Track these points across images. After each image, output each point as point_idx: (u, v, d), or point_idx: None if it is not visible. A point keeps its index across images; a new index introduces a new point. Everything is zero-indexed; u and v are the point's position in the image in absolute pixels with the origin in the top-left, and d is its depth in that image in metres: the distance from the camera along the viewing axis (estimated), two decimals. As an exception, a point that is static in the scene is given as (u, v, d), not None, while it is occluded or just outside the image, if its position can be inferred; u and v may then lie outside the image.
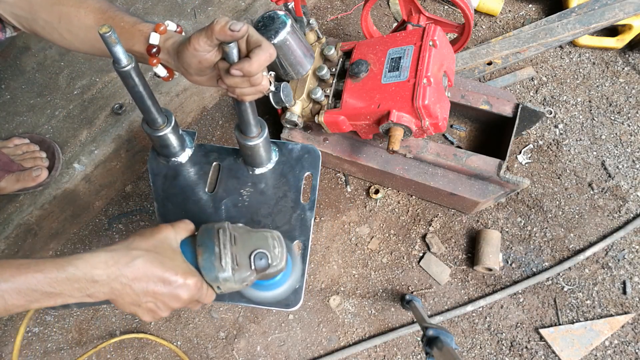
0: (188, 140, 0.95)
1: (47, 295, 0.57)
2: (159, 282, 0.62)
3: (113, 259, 0.60)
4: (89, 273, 0.58)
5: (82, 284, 0.58)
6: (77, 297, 0.59)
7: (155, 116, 0.80)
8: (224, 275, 0.65)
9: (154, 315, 0.66)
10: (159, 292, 0.63)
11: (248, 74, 0.65)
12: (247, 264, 0.66)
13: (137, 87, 0.71)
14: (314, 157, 0.96)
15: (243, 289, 0.72)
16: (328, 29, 1.66)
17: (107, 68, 1.39)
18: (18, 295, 0.55)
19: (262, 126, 0.85)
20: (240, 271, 0.66)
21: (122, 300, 0.62)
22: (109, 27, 0.59)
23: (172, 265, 0.63)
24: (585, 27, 1.44)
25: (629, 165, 1.39)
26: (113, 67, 0.67)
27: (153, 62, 0.71)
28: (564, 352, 1.20)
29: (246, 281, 0.67)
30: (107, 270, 0.59)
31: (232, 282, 0.66)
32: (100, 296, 0.60)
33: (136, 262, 0.61)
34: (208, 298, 0.68)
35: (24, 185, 1.21)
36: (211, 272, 0.65)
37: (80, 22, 0.72)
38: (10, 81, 1.37)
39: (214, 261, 0.65)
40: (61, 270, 0.57)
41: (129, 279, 0.60)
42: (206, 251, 0.65)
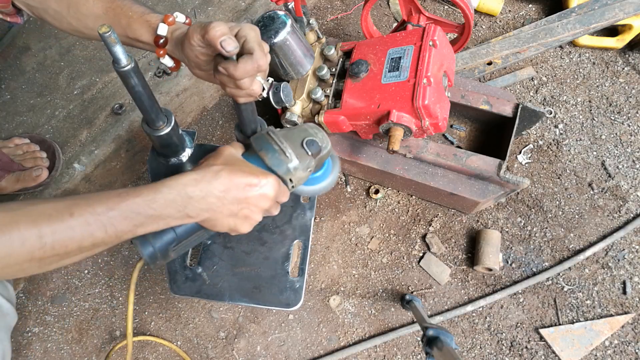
0: (188, 140, 0.95)
1: (150, 218, 0.60)
2: (247, 187, 0.65)
3: (200, 175, 0.63)
4: (182, 190, 0.61)
5: (178, 203, 0.61)
6: (177, 217, 0.62)
7: (155, 116, 0.80)
8: (293, 164, 0.70)
9: (251, 222, 0.69)
10: (250, 196, 0.66)
11: (232, 77, 0.66)
12: (303, 152, 0.72)
13: (137, 87, 0.71)
14: None
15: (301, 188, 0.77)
16: (328, 29, 1.66)
17: (107, 68, 1.39)
18: (125, 220, 0.58)
19: (262, 126, 0.85)
20: (302, 158, 0.72)
21: (219, 214, 0.65)
22: (109, 27, 0.59)
23: (249, 170, 0.67)
24: (585, 27, 1.44)
25: (629, 165, 1.39)
26: (113, 67, 0.67)
27: (160, 52, 0.73)
28: (564, 352, 1.20)
29: (310, 167, 0.73)
30: (198, 186, 0.62)
31: (300, 169, 0.71)
32: (198, 214, 0.63)
33: (221, 175, 0.64)
34: (285, 196, 0.72)
35: (24, 185, 1.21)
36: (281, 165, 0.70)
37: (88, 11, 0.73)
38: (10, 81, 1.37)
39: (280, 156, 0.70)
40: (157, 191, 0.60)
41: (220, 190, 0.63)
42: (269, 151, 0.70)
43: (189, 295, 0.90)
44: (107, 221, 0.57)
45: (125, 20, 0.72)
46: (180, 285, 0.89)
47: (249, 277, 0.91)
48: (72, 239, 0.56)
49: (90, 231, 0.56)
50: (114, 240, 0.59)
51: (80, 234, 0.56)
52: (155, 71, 1.39)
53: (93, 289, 1.33)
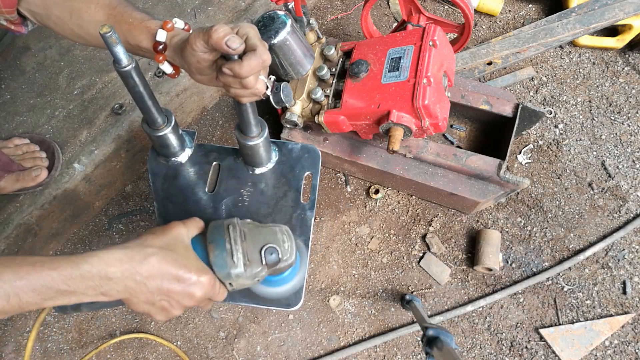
0: (188, 140, 0.95)
1: (62, 293, 0.57)
2: (173, 279, 0.62)
3: (127, 256, 0.60)
4: (103, 270, 0.58)
5: (96, 282, 0.58)
6: (91, 295, 0.59)
7: (155, 116, 0.80)
8: (236, 271, 0.65)
9: (167, 314, 0.66)
10: (173, 290, 0.62)
11: (238, 75, 0.65)
12: (258, 259, 0.66)
13: (137, 87, 0.71)
14: (314, 157, 0.96)
15: (253, 286, 0.71)
16: (328, 29, 1.66)
17: (107, 68, 1.39)
18: (33, 292, 0.55)
19: (262, 126, 0.85)
20: (252, 267, 0.66)
21: (136, 299, 0.62)
22: (109, 27, 0.59)
23: (185, 262, 0.63)
24: (585, 27, 1.44)
25: (629, 165, 1.39)
26: (113, 67, 0.67)
27: (159, 58, 0.72)
28: (564, 352, 1.20)
29: (258, 277, 0.67)
30: (121, 268, 0.59)
31: (244, 277, 0.66)
32: (114, 294, 0.60)
33: (150, 259, 0.61)
34: (220, 296, 0.68)
35: (23, 185, 1.21)
36: (223, 268, 0.65)
37: (90, 17, 0.73)
38: (10, 81, 1.37)
39: (226, 257, 0.65)
40: (75, 267, 0.57)
41: (144, 276, 0.60)
42: (217, 247, 0.65)
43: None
44: (11, 291, 0.53)
45: (126, 26, 0.72)
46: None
47: None
48: None
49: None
50: (15, 310, 0.55)
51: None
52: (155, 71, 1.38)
53: (93, 289, 1.32)
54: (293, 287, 0.75)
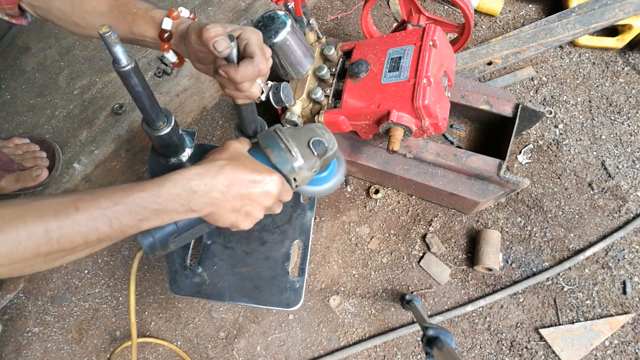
0: (188, 140, 0.95)
1: (155, 212, 0.60)
2: (250, 183, 0.65)
3: (204, 169, 0.63)
4: (187, 185, 0.61)
5: (183, 197, 0.61)
6: (181, 211, 0.62)
7: (155, 116, 0.80)
8: (298, 163, 0.70)
9: (252, 219, 0.69)
10: (253, 192, 0.66)
11: (232, 80, 0.67)
12: (309, 152, 0.71)
13: (137, 87, 0.71)
14: None
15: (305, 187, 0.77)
16: (328, 29, 1.66)
17: (107, 68, 1.39)
18: (130, 214, 0.59)
19: (262, 126, 0.85)
20: (308, 158, 0.71)
21: (222, 209, 0.65)
22: (109, 27, 0.60)
23: (254, 167, 0.67)
24: (585, 27, 1.44)
25: (629, 165, 1.39)
26: (113, 67, 0.67)
27: (164, 47, 0.73)
28: (564, 352, 1.20)
29: (314, 167, 0.73)
30: (203, 181, 0.62)
31: (305, 169, 0.71)
32: (201, 207, 0.63)
33: (225, 169, 0.64)
34: (288, 195, 0.72)
35: (24, 185, 1.21)
36: (286, 164, 0.70)
37: (93, 9, 0.73)
38: (10, 81, 1.37)
39: (285, 154, 0.69)
40: (161, 186, 0.60)
41: (224, 185, 0.63)
42: (275, 149, 0.70)
43: (189, 295, 0.90)
44: (112, 215, 0.57)
45: (130, 16, 0.72)
46: (181, 285, 0.89)
47: (249, 277, 0.91)
48: (78, 233, 0.56)
49: (95, 225, 0.56)
50: (119, 235, 0.59)
51: (86, 228, 0.56)
52: (155, 71, 1.39)
53: (93, 289, 1.32)
54: (334, 184, 0.81)
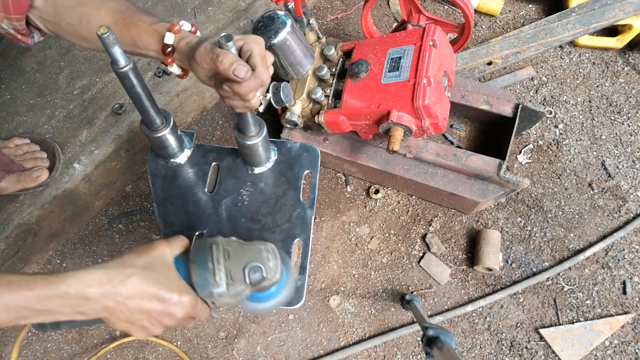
0: (187, 140, 0.95)
1: (37, 312, 0.57)
2: (154, 299, 0.62)
3: (107, 276, 0.59)
4: (82, 291, 0.58)
5: (73, 301, 0.58)
6: (68, 314, 0.59)
7: (153, 117, 0.80)
8: (218, 290, 0.65)
9: (147, 333, 0.65)
10: (154, 310, 0.62)
11: (236, 93, 0.68)
12: (241, 277, 0.66)
13: (135, 88, 0.71)
14: (313, 156, 0.96)
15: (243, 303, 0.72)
16: (328, 29, 1.66)
17: (107, 68, 1.39)
18: (7, 312, 0.55)
19: (261, 126, 0.85)
20: (235, 285, 0.65)
21: (115, 317, 0.62)
22: (107, 28, 0.60)
23: (167, 283, 0.63)
24: (585, 27, 1.44)
25: (629, 165, 1.39)
26: (111, 67, 0.67)
27: (168, 61, 0.73)
28: (564, 352, 1.20)
29: (241, 295, 0.67)
30: (101, 289, 0.59)
31: (226, 297, 0.66)
32: (92, 314, 0.60)
33: (131, 280, 0.60)
34: (202, 314, 0.68)
35: (24, 186, 1.21)
36: (205, 288, 0.65)
37: (99, 22, 0.74)
38: (10, 81, 1.37)
39: (208, 277, 0.64)
40: (52, 287, 0.56)
41: (124, 296, 0.60)
42: (200, 267, 0.65)
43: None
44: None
45: (135, 29, 0.73)
46: None
47: None
48: None
49: None
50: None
51: None
52: (155, 71, 1.39)
53: (93, 289, 1.32)
54: (279, 302, 0.75)
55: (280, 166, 0.95)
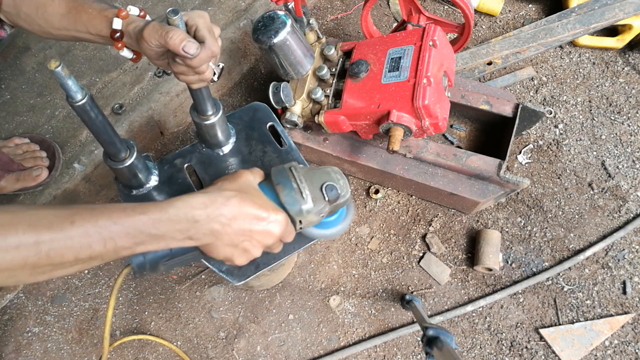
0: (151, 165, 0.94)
1: (152, 237, 0.59)
2: (254, 219, 0.64)
3: (210, 199, 0.62)
4: (190, 213, 0.60)
5: (183, 225, 0.60)
6: (179, 239, 0.61)
7: (119, 147, 0.79)
8: (307, 206, 0.68)
9: (248, 256, 0.67)
10: (255, 230, 0.65)
11: (189, 66, 0.70)
12: (320, 196, 0.70)
13: (97, 118, 0.70)
14: (264, 110, 1.01)
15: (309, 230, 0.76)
16: (328, 29, 1.66)
17: (107, 68, 1.39)
18: (126, 236, 0.57)
19: (217, 106, 0.88)
20: (317, 203, 0.70)
21: (220, 241, 0.64)
22: (58, 61, 0.60)
23: (261, 203, 0.66)
24: (585, 27, 1.44)
25: (629, 165, 1.39)
26: (67, 102, 0.66)
27: (118, 46, 0.75)
28: (564, 352, 1.20)
29: (322, 212, 0.71)
30: (207, 210, 0.61)
31: (313, 213, 0.70)
32: (200, 237, 0.62)
33: (231, 201, 0.63)
34: (291, 235, 0.71)
35: (24, 185, 1.21)
36: (295, 205, 0.68)
37: (54, 10, 0.76)
38: (10, 81, 1.37)
39: (295, 195, 0.68)
40: (163, 211, 0.59)
41: (228, 217, 0.62)
42: (286, 187, 0.69)
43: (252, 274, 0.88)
44: (107, 235, 0.56)
45: (86, 16, 0.74)
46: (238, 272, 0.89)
47: None
48: (69, 248, 0.54)
49: (89, 243, 0.55)
50: (111, 255, 0.58)
51: (79, 244, 0.54)
52: (155, 71, 1.39)
53: (93, 289, 1.33)
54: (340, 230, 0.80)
55: (244, 133, 0.99)
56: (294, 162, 0.73)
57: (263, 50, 1.12)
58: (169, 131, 1.48)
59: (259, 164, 0.95)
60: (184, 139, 1.49)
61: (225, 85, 1.54)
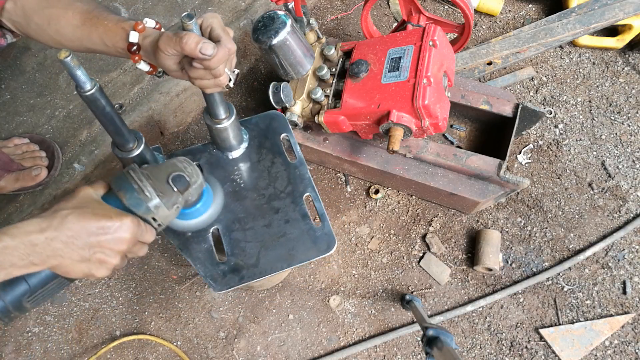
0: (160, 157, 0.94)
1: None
2: (99, 230, 0.63)
3: (45, 222, 0.61)
4: (26, 238, 0.59)
5: (21, 251, 0.58)
6: (20, 265, 0.59)
7: (127, 137, 0.79)
8: (153, 202, 0.68)
9: (107, 266, 0.66)
10: (103, 240, 0.64)
11: (207, 67, 0.69)
12: (169, 188, 0.70)
13: (105, 109, 0.70)
14: (281, 120, 1.00)
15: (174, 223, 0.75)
16: (328, 29, 1.66)
17: (107, 68, 1.39)
18: None
19: (231, 108, 0.87)
20: (167, 196, 0.69)
21: (69, 260, 0.62)
22: (68, 51, 0.59)
23: (103, 213, 0.65)
24: (585, 27, 1.44)
25: (629, 165, 1.39)
26: (77, 91, 0.66)
27: (135, 59, 0.75)
28: (564, 352, 1.20)
29: (176, 203, 0.70)
30: (44, 234, 0.60)
31: (163, 207, 0.69)
32: (45, 260, 0.61)
33: (68, 219, 0.61)
34: (149, 235, 0.70)
35: (23, 185, 1.21)
36: (140, 205, 0.67)
37: (67, 22, 0.75)
38: (10, 81, 1.37)
39: (138, 195, 0.67)
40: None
41: (68, 236, 0.61)
42: (127, 191, 0.68)
43: (235, 285, 0.89)
44: None
45: (102, 29, 0.74)
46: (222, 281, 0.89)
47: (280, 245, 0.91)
48: None
49: None
50: None
51: None
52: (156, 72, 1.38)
53: (93, 289, 1.32)
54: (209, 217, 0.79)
55: (257, 140, 0.98)
56: (133, 164, 0.72)
57: (263, 50, 1.12)
58: (169, 131, 1.48)
59: (265, 174, 0.94)
60: (184, 139, 1.49)
61: (225, 85, 1.54)
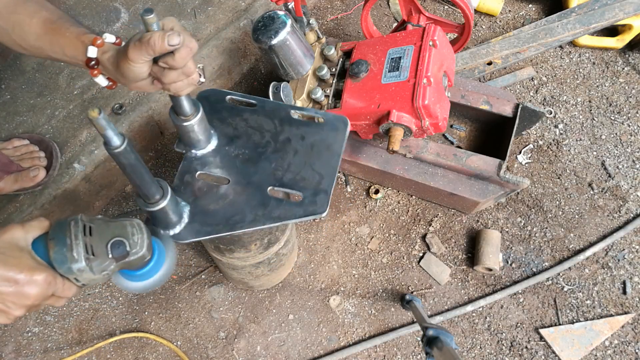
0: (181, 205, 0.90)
1: None
2: (4, 282, 0.61)
3: None
4: None
5: None
6: None
7: (153, 189, 0.77)
8: (77, 265, 0.64)
9: (8, 316, 0.64)
10: (5, 292, 0.61)
11: (174, 67, 0.69)
12: (104, 252, 0.66)
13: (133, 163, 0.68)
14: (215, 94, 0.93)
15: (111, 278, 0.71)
16: (328, 29, 1.66)
17: (107, 68, 1.39)
18: None
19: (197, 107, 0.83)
20: (98, 260, 0.65)
21: None
22: (98, 111, 0.57)
23: (15, 263, 0.62)
24: (585, 27, 1.44)
25: (629, 165, 1.39)
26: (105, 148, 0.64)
27: (93, 73, 0.74)
28: (564, 352, 1.20)
29: (106, 270, 0.66)
30: None
31: (88, 272, 0.65)
32: None
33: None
34: (67, 292, 0.67)
35: (22, 186, 1.21)
36: (63, 264, 0.64)
37: (31, 30, 0.76)
38: (10, 81, 1.37)
39: (66, 252, 0.64)
40: None
41: None
42: (58, 244, 0.64)
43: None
44: None
45: (63, 40, 0.74)
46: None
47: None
48: None
49: None
50: None
51: None
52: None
53: (93, 289, 1.33)
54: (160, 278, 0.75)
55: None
56: (81, 214, 0.68)
57: (263, 50, 1.12)
58: (169, 131, 1.48)
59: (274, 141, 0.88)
60: (184, 139, 1.49)
61: (225, 85, 1.54)
